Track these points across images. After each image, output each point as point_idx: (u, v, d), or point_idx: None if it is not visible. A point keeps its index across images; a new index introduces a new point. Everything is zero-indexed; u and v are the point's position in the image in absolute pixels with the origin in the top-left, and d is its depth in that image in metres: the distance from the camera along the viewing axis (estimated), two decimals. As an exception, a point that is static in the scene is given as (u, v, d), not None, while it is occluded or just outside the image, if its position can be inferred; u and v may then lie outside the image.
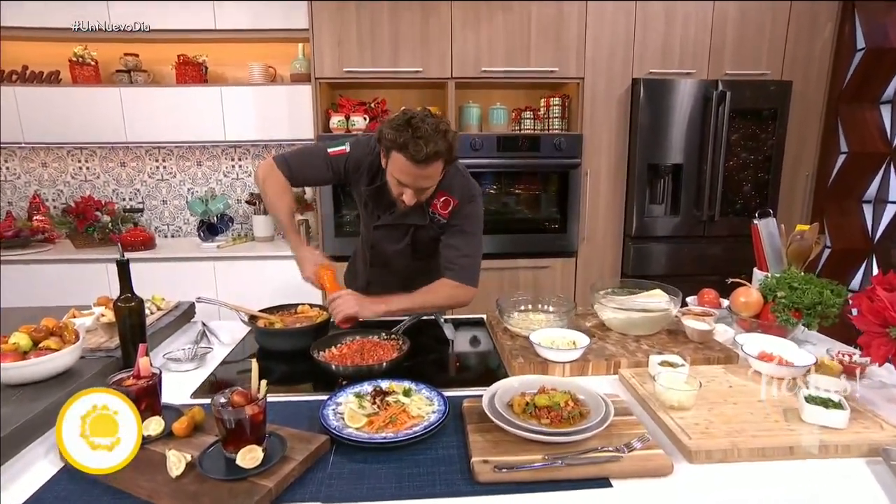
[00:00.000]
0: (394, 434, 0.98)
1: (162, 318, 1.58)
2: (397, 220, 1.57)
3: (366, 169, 1.55)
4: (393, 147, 1.34)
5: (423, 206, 1.51)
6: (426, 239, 1.60)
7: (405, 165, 1.33)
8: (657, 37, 2.88)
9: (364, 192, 1.58)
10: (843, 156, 3.03)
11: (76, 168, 3.38)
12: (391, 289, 1.56)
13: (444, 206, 1.51)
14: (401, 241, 1.61)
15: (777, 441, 0.93)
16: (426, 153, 1.30)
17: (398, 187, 1.41)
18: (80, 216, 3.08)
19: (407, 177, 1.36)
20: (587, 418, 1.00)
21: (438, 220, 1.54)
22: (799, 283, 1.42)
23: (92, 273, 2.94)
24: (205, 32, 2.99)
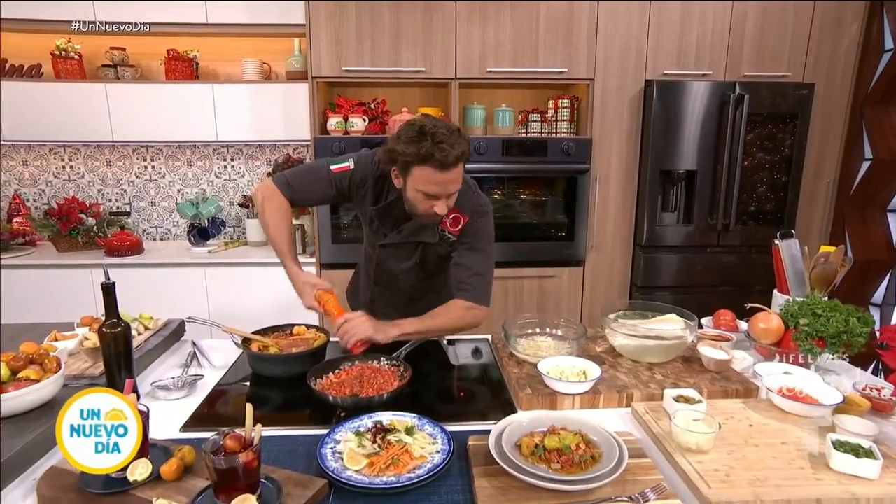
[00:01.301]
0: (395, 478, 0.96)
1: (150, 339, 1.56)
2: (406, 238, 1.55)
3: (370, 186, 1.53)
4: (415, 161, 1.32)
5: (431, 228, 1.50)
6: (435, 257, 1.58)
7: (433, 175, 1.32)
8: (672, 36, 2.85)
9: (370, 211, 1.56)
10: (867, 162, 3.01)
11: (59, 167, 3.36)
12: (395, 307, 1.58)
13: (453, 223, 1.49)
14: (409, 259, 1.59)
15: (803, 492, 0.91)
16: (454, 156, 1.30)
17: (426, 201, 1.38)
18: (64, 218, 3.06)
19: (436, 186, 1.34)
20: (600, 462, 0.99)
21: (448, 237, 1.52)
22: (823, 310, 1.40)
23: (76, 278, 2.92)
24: (196, 26, 2.96)
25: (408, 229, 1.53)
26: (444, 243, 1.54)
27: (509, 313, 2.12)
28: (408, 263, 1.59)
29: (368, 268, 1.74)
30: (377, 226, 1.59)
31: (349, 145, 2.79)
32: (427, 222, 1.47)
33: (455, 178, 1.35)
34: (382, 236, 1.60)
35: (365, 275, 1.78)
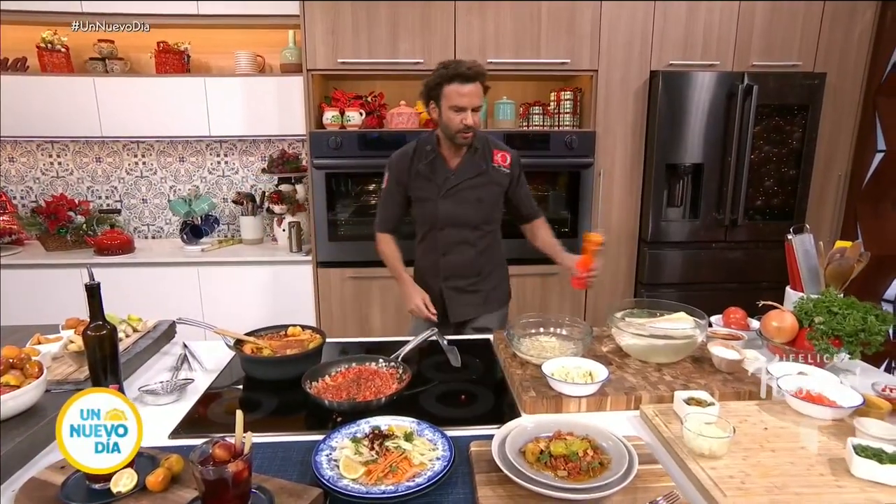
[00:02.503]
0: (394, 487, 0.93)
1: (139, 342, 1.53)
2: (461, 177, 1.86)
3: (415, 154, 1.89)
4: (443, 81, 1.72)
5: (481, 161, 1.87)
6: (492, 195, 1.90)
7: (459, 88, 1.70)
8: (678, 26, 2.81)
9: (422, 168, 1.86)
10: (881, 154, 2.97)
11: (47, 164, 3.33)
12: (464, 276, 1.94)
13: (502, 159, 1.91)
14: (470, 200, 1.87)
15: (824, 500, 0.88)
16: (474, 71, 1.70)
17: (457, 115, 1.73)
18: (52, 216, 3.03)
19: (463, 98, 1.70)
20: (608, 469, 0.96)
21: (503, 171, 1.90)
22: (839, 308, 1.37)
23: (65, 278, 2.90)
24: (187, 18, 2.93)
25: (460, 170, 1.86)
26: (499, 177, 1.89)
27: (512, 311, 2.09)
28: (470, 204, 1.87)
29: (434, 246, 1.94)
30: (434, 181, 1.86)
31: (345, 140, 2.76)
32: (462, 142, 1.80)
33: (477, 91, 1.72)
34: (440, 190, 1.86)
35: (431, 258, 1.96)
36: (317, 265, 2.93)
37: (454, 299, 1.95)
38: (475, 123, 1.75)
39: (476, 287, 1.95)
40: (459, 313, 1.95)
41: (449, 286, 1.94)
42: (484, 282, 1.96)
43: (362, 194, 2.95)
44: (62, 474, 0.95)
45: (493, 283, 2.00)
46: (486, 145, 1.90)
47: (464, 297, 1.95)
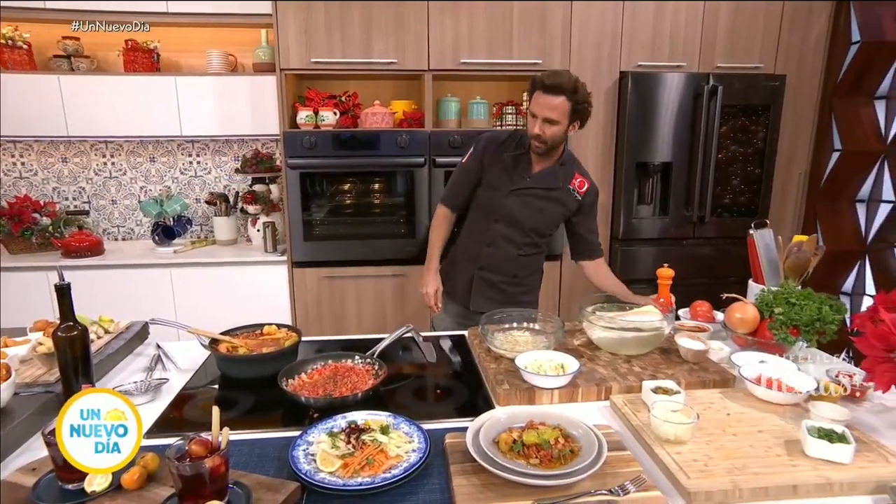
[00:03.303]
0: (371, 479, 0.95)
1: (111, 343, 1.51)
2: (536, 183, 1.86)
3: (502, 142, 1.91)
4: (534, 86, 1.73)
5: (560, 179, 1.87)
6: (553, 216, 1.91)
7: (538, 97, 1.71)
8: (646, 27, 2.88)
9: (507, 158, 1.87)
10: (837, 154, 3.10)
11: (9, 164, 3.23)
12: (502, 272, 1.95)
13: (580, 185, 1.90)
14: (534, 206, 1.88)
15: (780, 479, 0.93)
16: (553, 81, 1.69)
17: (532, 121, 1.75)
18: (16, 218, 2.95)
19: (537, 106, 1.72)
20: (579, 456, 0.99)
21: (576, 195, 1.89)
22: (797, 299, 1.44)
23: (31, 282, 2.82)
24: (155, 16, 2.88)
25: (538, 176, 1.86)
26: (569, 200, 1.89)
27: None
28: (532, 211, 1.88)
29: (482, 235, 1.95)
30: (510, 173, 1.87)
31: (320, 139, 2.76)
32: (533, 149, 1.81)
33: (552, 105, 1.70)
34: (511, 183, 1.87)
35: (474, 247, 1.98)
36: (292, 265, 2.91)
37: (482, 289, 1.96)
38: (542, 133, 1.74)
39: (506, 287, 1.96)
40: (481, 304, 1.94)
41: (481, 276, 1.96)
42: (516, 286, 1.98)
43: (337, 194, 2.94)
44: (33, 476, 0.94)
45: (525, 288, 2.01)
46: (571, 166, 1.90)
47: (491, 291, 1.96)
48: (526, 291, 2.01)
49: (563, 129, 1.75)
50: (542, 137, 1.74)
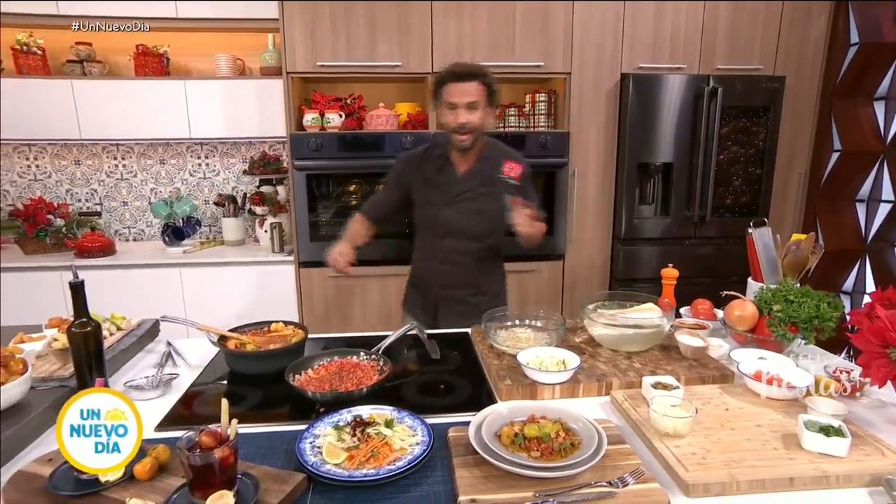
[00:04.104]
0: (375, 470, 0.96)
1: (123, 339, 1.53)
2: (468, 185, 1.81)
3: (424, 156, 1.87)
4: (440, 82, 1.72)
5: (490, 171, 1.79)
6: (496, 211, 1.79)
7: (451, 87, 1.69)
8: (647, 30, 2.89)
9: (430, 171, 1.84)
10: (836, 154, 3.09)
11: (24, 167, 3.27)
12: (464, 287, 1.89)
13: (512, 170, 1.78)
14: (473, 210, 1.82)
15: (777, 472, 0.93)
16: (465, 69, 1.70)
17: (451, 113, 1.71)
18: (30, 219, 2.99)
19: (454, 96, 1.69)
20: (579, 449, 1.00)
21: (511, 183, 1.77)
22: (795, 297, 1.44)
23: (45, 281, 2.85)
24: (165, 21, 2.91)
25: (467, 177, 1.82)
26: (507, 187, 1.76)
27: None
28: (471, 215, 1.82)
29: (434, 254, 1.91)
30: (441, 187, 1.83)
31: (326, 141, 2.77)
32: (459, 144, 1.76)
33: (469, 90, 1.68)
34: (445, 195, 1.83)
35: (430, 265, 1.94)
36: (299, 265, 2.93)
37: (448, 306, 1.91)
38: (469, 121, 1.70)
39: (471, 299, 1.90)
40: (449, 324, 1.87)
41: (444, 296, 1.91)
42: (480, 295, 1.91)
43: (343, 195, 2.96)
44: (50, 466, 0.95)
45: (490, 297, 1.93)
46: (496, 154, 1.83)
47: (457, 308, 1.90)
48: (490, 300, 1.89)
49: (483, 114, 1.73)
50: (467, 126, 1.70)
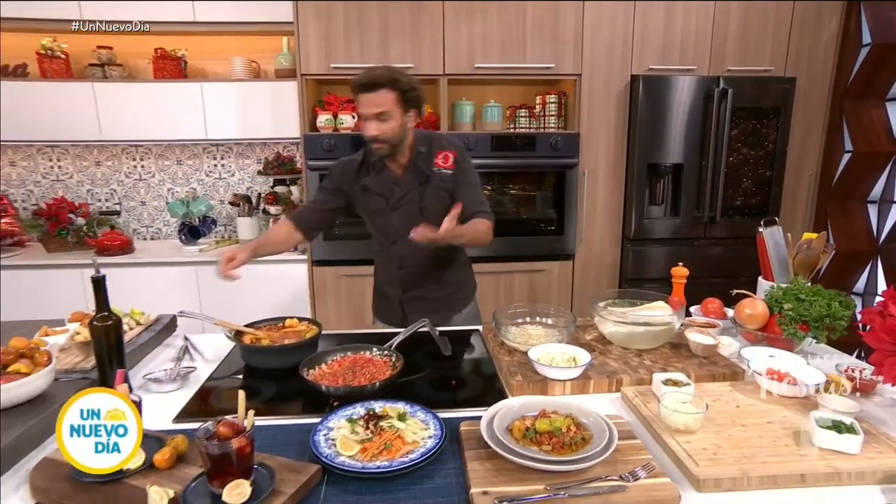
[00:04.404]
0: (388, 462, 0.96)
1: (142, 334, 1.55)
2: (407, 188, 1.74)
3: (361, 168, 1.78)
4: (354, 94, 1.62)
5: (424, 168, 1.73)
6: (438, 203, 1.73)
7: (360, 98, 1.60)
8: (657, 32, 2.87)
9: (371, 184, 1.76)
10: (848, 155, 3.05)
11: (47, 167, 3.32)
12: (427, 287, 1.84)
13: (444, 160, 1.74)
14: (416, 211, 1.73)
15: (788, 468, 0.93)
16: (370, 78, 1.58)
17: (366, 125, 1.62)
18: (53, 218, 3.03)
19: (363, 107, 1.61)
20: (590, 444, 0.99)
21: (445, 173, 1.73)
22: (806, 295, 1.43)
23: (66, 279, 2.89)
24: (183, 25, 2.94)
25: (405, 181, 1.74)
26: (441, 183, 1.73)
27: (500, 306, 2.13)
28: (417, 216, 1.71)
29: (390, 259, 1.85)
30: (383, 196, 1.75)
31: (339, 142, 2.79)
32: (377, 153, 1.67)
33: (376, 101, 1.59)
34: (388, 200, 1.75)
35: (388, 270, 1.88)
36: (312, 264, 2.95)
37: (414, 308, 1.85)
38: (381, 132, 1.61)
39: (436, 294, 1.86)
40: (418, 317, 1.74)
41: (408, 296, 1.87)
42: (444, 288, 1.87)
43: (356, 195, 2.97)
44: (73, 455, 0.97)
45: (453, 287, 1.90)
46: (429, 147, 1.75)
47: (424, 305, 1.84)
48: (453, 290, 1.89)
49: (399, 121, 1.62)
50: (379, 137, 1.62)
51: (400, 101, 1.61)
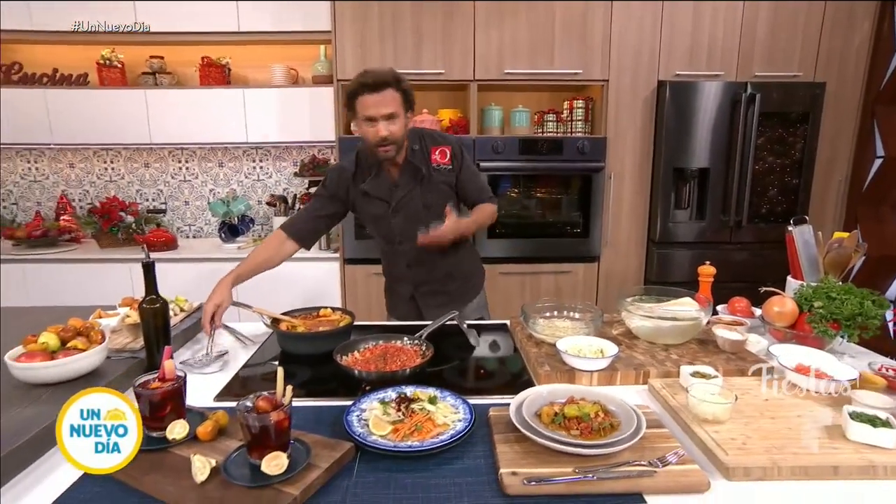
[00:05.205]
0: (419, 442, 0.96)
1: (185, 320, 1.59)
2: (406, 188, 1.70)
3: (357, 173, 1.73)
4: (352, 97, 1.55)
5: (421, 165, 1.69)
6: (441, 197, 1.71)
7: (366, 99, 1.52)
8: (684, 37, 2.83)
9: (368, 188, 1.71)
10: (880, 160, 2.94)
11: (102, 169, 3.45)
12: (437, 283, 1.81)
13: (441, 156, 1.71)
14: (420, 210, 1.70)
15: (820, 459, 0.89)
16: (377, 78, 1.52)
17: (371, 127, 1.56)
18: (105, 216, 3.14)
19: (369, 109, 1.53)
20: (618, 430, 0.98)
21: (444, 168, 1.72)
22: (837, 294, 1.37)
23: (116, 273, 2.99)
24: (228, 35, 3.03)
25: (403, 182, 1.70)
26: (441, 178, 1.71)
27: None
28: (420, 215, 1.69)
29: (397, 259, 1.83)
30: (378, 197, 1.72)
31: (372, 145, 2.82)
32: (383, 156, 1.62)
33: (384, 101, 1.53)
34: (389, 204, 1.72)
35: (397, 269, 1.86)
36: (344, 262, 2.98)
37: (427, 302, 1.85)
38: (391, 133, 1.55)
39: (447, 286, 1.84)
40: (434, 314, 1.71)
41: (420, 292, 1.85)
42: (455, 280, 1.85)
43: (387, 196, 3.00)
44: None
45: (464, 277, 1.88)
46: (423, 144, 1.70)
47: (436, 299, 1.84)
48: (463, 282, 1.86)
49: (403, 121, 1.59)
50: (389, 139, 1.55)
51: (403, 101, 1.58)
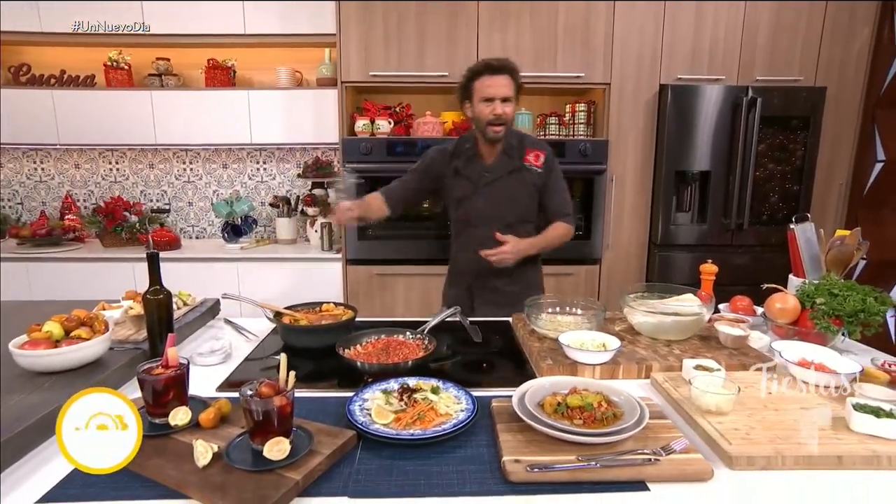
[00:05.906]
0: (422, 431, 0.96)
1: (188, 314, 1.59)
2: (496, 173, 1.82)
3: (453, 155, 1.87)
4: (473, 78, 1.73)
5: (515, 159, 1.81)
6: (525, 194, 1.82)
7: (487, 80, 1.69)
8: (686, 41, 2.84)
9: (461, 167, 1.84)
10: (880, 164, 2.94)
11: (107, 169, 3.47)
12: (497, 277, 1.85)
13: (535, 158, 1.82)
14: (503, 194, 1.81)
15: (824, 449, 0.88)
16: (500, 62, 1.70)
17: (487, 106, 1.71)
18: (110, 216, 3.15)
19: (490, 88, 1.69)
20: (621, 420, 0.97)
21: (535, 170, 1.81)
22: (840, 290, 1.37)
23: (119, 271, 2.99)
24: (234, 37, 3.05)
25: (495, 168, 1.82)
26: (531, 177, 1.82)
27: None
28: (503, 200, 1.81)
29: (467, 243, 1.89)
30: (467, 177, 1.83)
31: (375, 146, 2.83)
32: (493, 136, 1.75)
33: (506, 83, 1.69)
34: (476, 185, 1.83)
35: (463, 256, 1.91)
36: (346, 262, 2.98)
37: (483, 298, 1.89)
38: (505, 114, 1.71)
39: (505, 288, 1.87)
40: (484, 311, 1.84)
41: (479, 285, 1.89)
42: (514, 283, 1.87)
43: (389, 197, 3.00)
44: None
45: (523, 285, 1.88)
46: (520, 143, 1.83)
47: (492, 296, 1.88)
48: (523, 288, 1.85)
49: (514, 106, 1.74)
50: (503, 117, 1.71)
51: (516, 88, 1.73)
